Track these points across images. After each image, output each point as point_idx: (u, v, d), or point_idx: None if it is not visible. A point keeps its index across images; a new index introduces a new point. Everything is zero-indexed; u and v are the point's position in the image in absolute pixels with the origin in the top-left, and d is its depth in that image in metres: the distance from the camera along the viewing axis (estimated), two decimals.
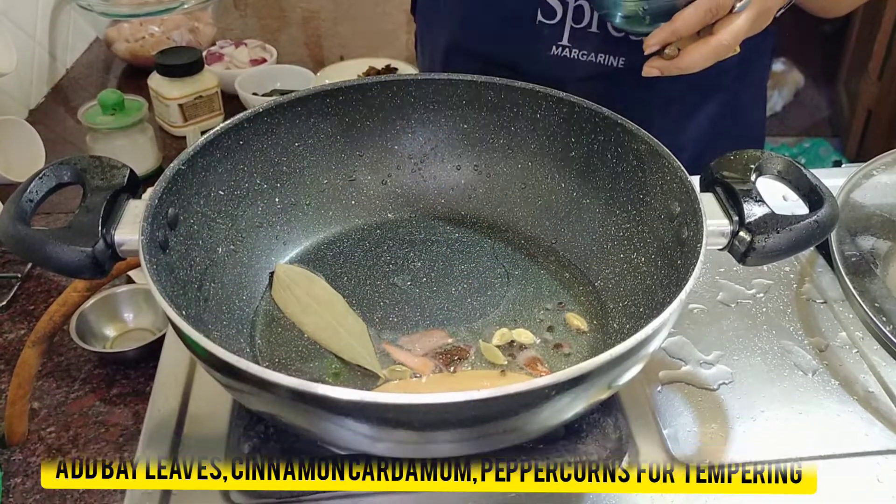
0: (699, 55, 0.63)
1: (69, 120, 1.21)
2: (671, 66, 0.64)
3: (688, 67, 0.64)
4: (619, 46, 0.79)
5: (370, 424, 0.43)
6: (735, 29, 0.62)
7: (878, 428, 0.56)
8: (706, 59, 0.63)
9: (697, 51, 0.63)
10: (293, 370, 0.56)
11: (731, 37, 0.62)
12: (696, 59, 0.63)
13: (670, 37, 0.63)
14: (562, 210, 0.66)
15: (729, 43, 0.62)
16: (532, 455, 0.51)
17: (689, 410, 0.57)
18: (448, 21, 0.90)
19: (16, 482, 0.63)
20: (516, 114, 0.66)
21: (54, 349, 0.75)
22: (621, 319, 0.59)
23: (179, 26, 1.37)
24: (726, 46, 0.63)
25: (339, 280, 0.63)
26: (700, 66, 0.64)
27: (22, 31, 1.20)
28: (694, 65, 0.63)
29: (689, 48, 0.63)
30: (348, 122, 0.67)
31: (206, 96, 1.16)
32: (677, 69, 0.64)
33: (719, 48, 0.63)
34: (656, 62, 0.65)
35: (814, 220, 0.52)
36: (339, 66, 1.36)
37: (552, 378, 0.41)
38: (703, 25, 0.62)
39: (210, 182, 0.59)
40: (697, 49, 0.63)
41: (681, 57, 0.64)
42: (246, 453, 0.51)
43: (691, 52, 0.63)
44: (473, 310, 0.61)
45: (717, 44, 0.62)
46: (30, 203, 0.50)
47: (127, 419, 0.69)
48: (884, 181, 0.73)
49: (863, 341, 0.62)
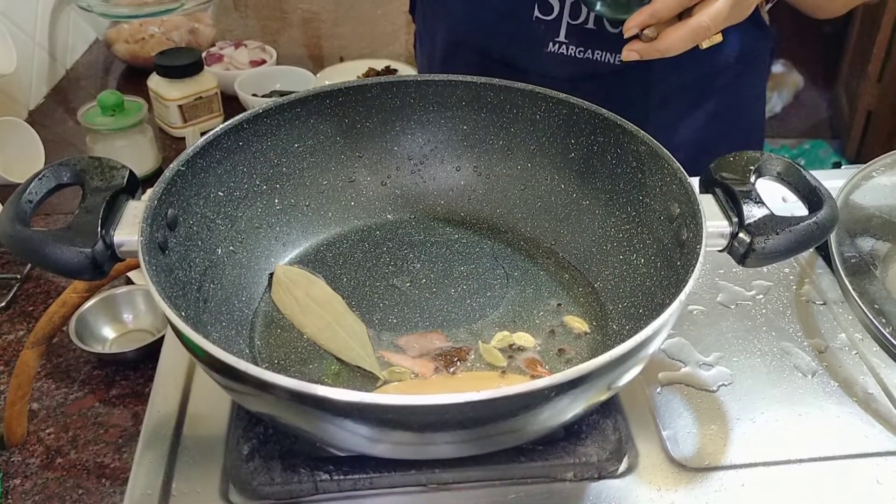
0: (678, 37, 0.63)
1: (69, 121, 1.21)
2: (650, 48, 0.64)
3: (667, 50, 0.64)
4: (615, 43, 0.79)
5: (369, 426, 0.43)
6: (714, 11, 0.62)
7: (878, 429, 0.56)
8: (685, 42, 0.63)
9: (676, 32, 0.63)
10: (292, 371, 0.56)
11: (710, 19, 0.62)
12: (675, 40, 0.63)
13: (649, 19, 0.63)
14: (561, 211, 0.66)
15: (708, 25, 0.62)
16: (531, 456, 0.51)
17: (689, 412, 0.57)
18: (446, 18, 0.90)
19: (15, 483, 0.63)
20: (516, 115, 0.66)
21: (53, 350, 0.75)
22: (621, 321, 0.59)
23: (179, 27, 1.37)
24: (705, 28, 0.62)
25: (339, 281, 0.63)
26: (679, 48, 0.63)
27: (22, 31, 1.20)
28: (672, 47, 0.63)
29: (668, 30, 0.63)
30: (348, 123, 0.67)
31: (206, 97, 1.16)
32: (657, 52, 0.64)
33: (698, 30, 0.62)
34: (635, 45, 0.65)
35: (813, 221, 0.52)
36: (338, 68, 1.36)
37: (552, 379, 0.41)
38: (682, 8, 0.62)
39: (209, 183, 0.59)
40: (676, 31, 0.63)
41: (660, 39, 0.64)
42: (245, 454, 0.51)
43: (670, 34, 0.63)
44: (473, 311, 0.61)
45: (696, 25, 0.62)
46: (29, 204, 0.50)
47: (126, 420, 0.69)
48: (883, 183, 0.73)
49: (862, 343, 0.62)
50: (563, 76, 0.80)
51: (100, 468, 0.64)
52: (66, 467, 0.64)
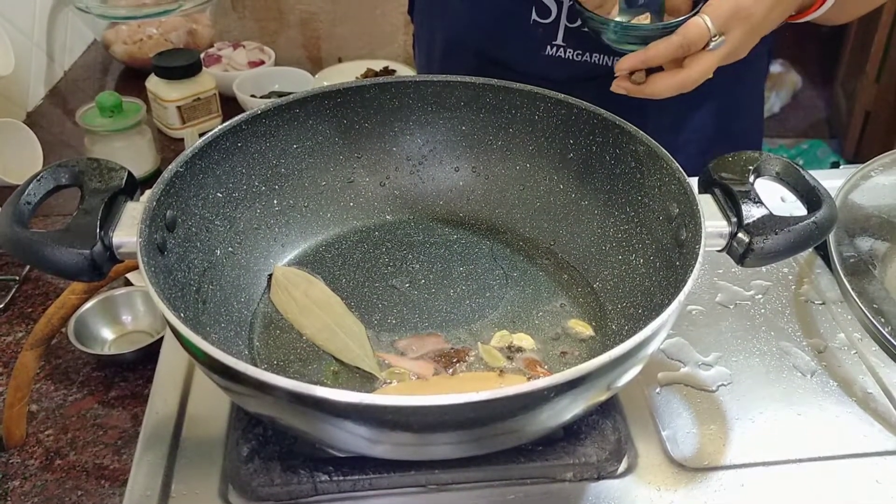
0: (665, 86, 0.66)
1: (67, 122, 1.21)
2: (637, 90, 0.67)
3: (652, 94, 0.66)
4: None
5: (369, 427, 0.43)
6: (705, 66, 0.64)
7: (877, 429, 0.56)
8: (671, 90, 0.66)
9: (664, 81, 0.66)
10: (292, 372, 0.56)
11: (699, 74, 0.65)
12: (662, 88, 0.66)
13: (640, 65, 0.66)
14: (560, 212, 0.66)
15: (696, 79, 0.65)
16: (531, 457, 0.51)
17: (688, 412, 0.57)
18: (444, 20, 0.90)
19: (14, 485, 0.63)
20: (514, 115, 0.66)
21: (52, 352, 0.75)
22: (620, 321, 0.59)
23: (177, 28, 1.37)
24: (693, 81, 0.65)
25: (338, 282, 0.63)
26: (664, 95, 0.66)
27: (20, 32, 1.20)
28: (658, 93, 0.66)
29: (657, 76, 0.66)
30: (346, 123, 0.66)
31: (204, 98, 1.16)
32: (642, 94, 0.67)
33: (686, 81, 0.65)
34: (624, 83, 0.68)
35: (812, 221, 0.52)
36: (337, 68, 1.36)
37: (551, 380, 0.41)
38: (673, 58, 0.65)
39: (208, 184, 0.59)
40: (664, 79, 0.66)
41: (647, 84, 0.66)
42: (244, 455, 0.51)
43: (657, 82, 0.66)
44: (472, 311, 0.61)
45: (684, 78, 0.65)
46: (27, 205, 0.50)
47: (125, 422, 0.69)
48: (882, 182, 0.73)
49: (861, 342, 0.62)
50: (561, 79, 0.80)
51: (99, 469, 0.64)
52: (65, 469, 0.64)
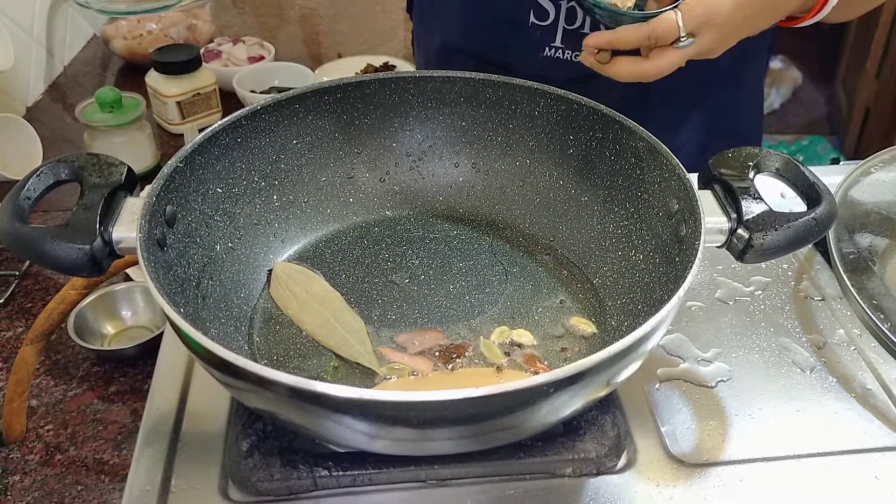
0: (624, 70, 0.66)
1: (67, 117, 1.20)
2: (599, 67, 0.67)
3: (612, 75, 0.67)
4: None
5: (368, 422, 0.43)
6: (668, 61, 0.64)
7: (876, 425, 0.56)
8: (629, 76, 0.66)
9: (624, 66, 0.66)
10: (291, 368, 0.56)
11: (660, 68, 0.65)
12: (621, 72, 0.66)
13: (605, 45, 0.66)
14: (560, 207, 0.66)
15: (656, 72, 0.65)
16: (530, 452, 0.51)
17: (688, 408, 0.57)
18: (442, 21, 0.90)
19: (14, 480, 0.63)
20: (514, 111, 0.66)
21: (52, 347, 0.75)
22: (619, 317, 0.59)
23: (177, 23, 1.36)
24: (653, 73, 0.65)
25: (338, 278, 0.63)
26: (622, 79, 0.66)
27: (19, 28, 1.20)
28: (617, 76, 0.66)
29: (619, 59, 0.66)
30: (346, 119, 0.66)
31: (204, 94, 1.16)
32: (604, 72, 0.67)
33: (647, 72, 0.65)
34: (589, 58, 0.68)
35: (812, 217, 0.52)
36: (337, 64, 1.35)
37: (550, 375, 0.41)
38: (639, 46, 0.65)
39: (208, 180, 0.59)
40: (624, 64, 0.66)
41: (609, 64, 0.67)
42: (244, 451, 0.51)
43: (618, 65, 0.66)
44: (472, 307, 0.61)
45: (646, 68, 0.65)
46: (27, 201, 0.50)
47: (125, 417, 0.69)
48: (881, 178, 0.73)
49: (860, 339, 0.62)
50: (560, 80, 0.80)
51: (99, 465, 0.64)
52: (65, 464, 0.64)
